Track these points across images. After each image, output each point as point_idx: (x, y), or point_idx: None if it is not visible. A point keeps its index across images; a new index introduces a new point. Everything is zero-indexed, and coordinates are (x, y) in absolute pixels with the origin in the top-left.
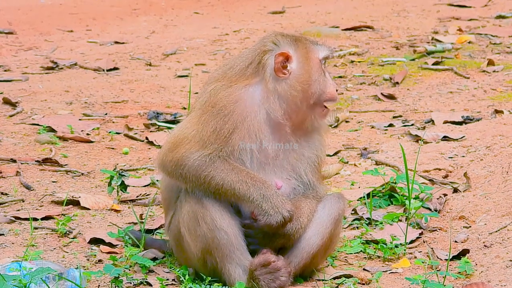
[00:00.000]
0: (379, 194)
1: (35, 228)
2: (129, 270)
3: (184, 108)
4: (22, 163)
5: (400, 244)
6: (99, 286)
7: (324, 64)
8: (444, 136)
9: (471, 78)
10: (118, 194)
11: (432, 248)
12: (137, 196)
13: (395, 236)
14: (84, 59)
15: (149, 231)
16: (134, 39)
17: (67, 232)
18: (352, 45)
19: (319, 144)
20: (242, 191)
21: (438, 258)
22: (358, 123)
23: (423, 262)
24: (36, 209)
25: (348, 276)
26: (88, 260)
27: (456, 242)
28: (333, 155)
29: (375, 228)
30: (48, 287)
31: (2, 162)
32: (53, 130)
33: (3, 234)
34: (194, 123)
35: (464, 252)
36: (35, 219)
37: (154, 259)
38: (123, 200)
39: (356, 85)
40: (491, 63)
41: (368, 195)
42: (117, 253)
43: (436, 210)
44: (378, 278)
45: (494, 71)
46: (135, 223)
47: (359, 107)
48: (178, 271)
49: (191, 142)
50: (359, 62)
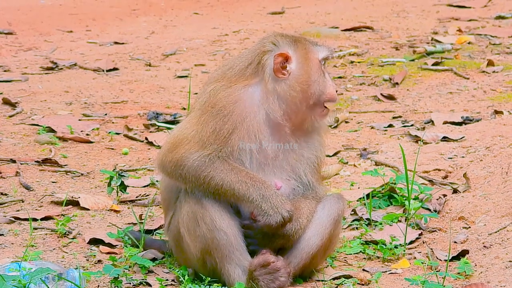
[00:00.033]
0: (378, 194)
1: (35, 229)
2: (128, 271)
3: (184, 109)
4: (21, 164)
5: (400, 244)
6: (98, 286)
7: (323, 65)
8: (444, 137)
9: (470, 79)
10: (117, 195)
11: (431, 249)
12: (136, 197)
13: (394, 237)
14: (83, 60)
15: (148, 232)
16: (133, 39)
17: (67, 233)
18: (351, 45)
19: (319, 145)
20: (241, 191)
21: (437, 258)
22: (357, 124)
23: (422, 263)
24: (36, 209)
25: (347, 276)
26: (87, 260)
27: (455, 242)
28: (332, 155)
29: (374, 229)
30: None
31: (2, 163)
32: (52, 131)
33: (2, 235)
34: (194, 123)
35: (463, 253)
36: (35, 220)
37: (153, 260)
38: (122, 201)
39: (356, 85)
40: (490, 63)
41: (367, 195)
42: (116, 253)
43: (435, 211)
44: (377, 279)
45: (494, 72)
46: (135, 224)
47: (359, 108)
48: (178, 272)
49: (191, 143)
50: (358, 62)
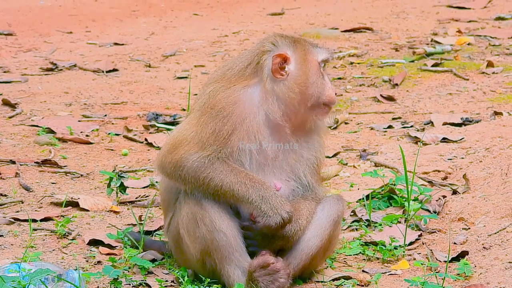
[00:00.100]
0: (378, 195)
1: (34, 230)
2: (128, 272)
3: (184, 110)
4: (21, 165)
5: (399, 245)
6: (98, 287)
7: (323, 67)
8: (443, 138)
9: (470, 80)
10: (117, 196)
11: (431, 250)
12: (136, 198)
13: (394, 238)
14: (83, 61)
15: (148, 233)
16: (133, 40)
17: (66, 234)
18: (351, 46)
19: (318, 146)
20: (241, 192)
21: (437, 259)
22: (357, 125)
23: (422, 264)
24: (35, 210)
25: (347, 277)
26: (87, 261)
27: (455, 243)
28: (332, 156)
29: (374, 230)
30: None
31: (1, 164)
32: (52, 132)
33: (2, 236)
34: (193, 124)
35: (463, 254)
36: (34, 221)
37: (153, 261)
38: (122, 202)
39: (356, 86)
40: (490, 64)
41: (367, 196)
42: (116, 254)
43: (435, 212)
44: (377, 280)
45: (494, 73)
46: (134, 225)
47: (358, 109)
48: (177, 273)
49: (190, 144)
50: (358, 63)
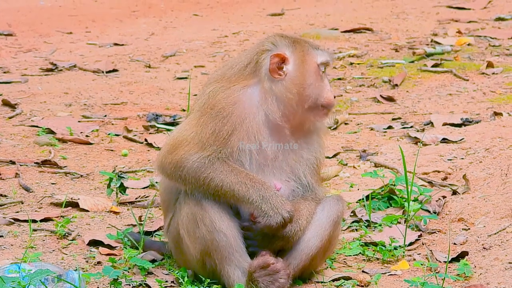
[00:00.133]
0: (378, 196)
1: (34, 230)
2: (128, 272)
3: (183, 110)
4: (21, 165)
5: (399, 246)
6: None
7: (323, 70)
8: (443, 138)
9: (470, 80)
10: (117, 196)
11: (431, 250)
12: (136, 198)
13: (394, 238)
14: (83, 61)
15: (148, 233)
16: (133, 41)
17: (66, 234)
18: (351, 47)
19: (318, 146)
20: (241, 192)
21: (437, 260)
22: (357, 125)
23: (422, 264)
24: (35, 211)
25: (347, 278)
26: (87, 262)
27: (455, 244)
28: (332, 157)
29: (374, 230)
30: None
31: (1, 164)
32: (52, 132)
33: (2, 236)
34: (193, 125)
35: (463, 254)
36: (34, 221)
37: (153, 261)
38: (122, 202)
39: (355, 87)
40: (490, 65)
41: (367, 197)
42: (116, 255)
43: (435, 212)
44: (377, 280)
45: (493, 73)
46: (134, 225)
47: (358, 109)
48: (177, 273)
49: (190, 144)
50: (358, 64)
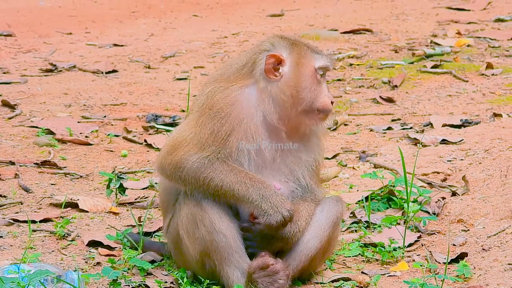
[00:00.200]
0: (377, 197)
1: (34, 231)
2: (127, 273)
3: (183, 111)
4: (20, 166)
5: (399, 247)
6: None
7: (321, 74)
8: (443, 140)
9: (470, 82)
10: (116, 197)
11: (430, 252)
12: (135, 199)
13: (393, 239)
14: (83, 62)
15: (147, 234)
16: (133, 41)
17: (66, 235)
18: (351, 48)
19: (317, 148)
20: (241, 191)
21: (436, 261)
22: (356, 126)
23: (421, 265)
24: (35, 211)
25: (346, 279)
26: (86, 262)
27: (454, 245)
28: (331, 158)
29: (373, 231)
30: None
31: (1, 165)
32: (51, 133)
33: (1, 237)
34: (192, 125)
35: (462, 256)
36: (34, 222)
37: (152, 262)
38: (121, 203)
39: (355, 88)
40: (490, 66)
41: (366, 198)
42: (115, 255)
43: (434, 214)
44: (376, 281)
45: (493, 75)
46: (134, 226)
47: (358, 110)
48: (177, 274)
49: (190, 145)
50: (358, 65)
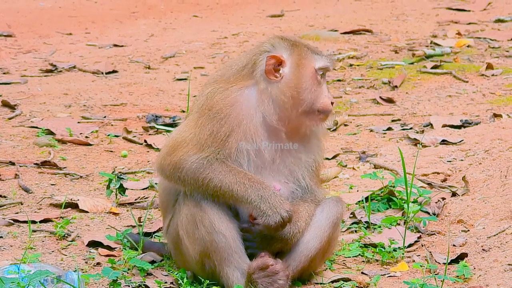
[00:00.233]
0: (377, 197)
1: (34, 231)
2: (127, 273)
3: (183, 111)
4: (20, 166)
5: (399, 247)
6: None
7: (321, 75)
8: (443, 140)
9: (470, 82)
10: (116, 197)
11: (430, 252)
12: (135, 199)
13: (393, 240)
14: (83, 62)
15: (147, 234)
16: (133, 42)
17: (66, 235)
18: (351, 48)
19: (317, 148)
20: (240, 192)
21: (436, 262)
22: (356, 127)
23: (421, 266)
24: (35, 211)
25: (346, 279)
26: (86, 263)
27: (454, 246)
28: (331, 158)
29: (373, 232)
30: None
31: (1, 165)
32: (52, 133)
33: (1, 237)
34: (192, 126)
35: (462, 256)
36: (34, 222)
37: (152, 262)
38: (121, 203)
39: (355, 88)
40: (490, 67)
41: (366, 198)
42: (115, 256)
43: (434, 214)
44: (376, 282)
45: (493, 75)
46: (134, 226)
47: (358, 111)
48: (177, 274)
49: (189, 145)
50: (358, 65)
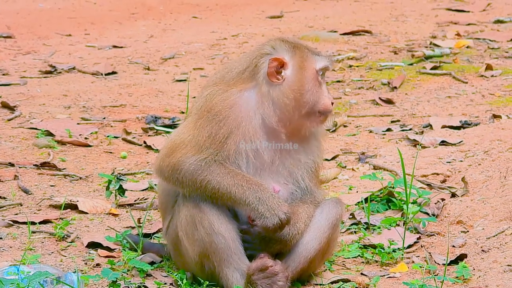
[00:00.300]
0: (377, 198)
1: (33, 232)
2: (127, 274)
3: (182, 113)
4: (20, 167)
5: (398, 248)
6: None
7: (321, 75)
8: (442, 141)
9: (469, 83)
10: (116, 198)
11: (429, 253)
12: (135, 200)
13: (392, 241)
14: (82, 63)
15: (147, 235)
16: (132, 43)
17: (65, 236)
18: (350, 49)
19: (316, 149)
20: (238, 194)
21: (435, 262)
22: (356, 128)
23: (420, 267)
24: (34, 213)
25: (345, 280)
26: (86, 264)
27: (453, 246)
28: (331, 159)
29: (373, 233)
30: None
31: (0, 166)
32: (51, 134)
33: (1, 238)
34: (190, 128)
35: (461, 257)
36: (33, 223)
37: (152, 263)
38: (121, 204)
39: (354, 89)
40: (489, 67)
41: (366, 199)
42: (115, 257)
43: (434, 215)
44: (375, 283)
45: (492, 76)
46: (133, 227)
47: (357, 112)
48: (176, 275)
49: (187, 147)
50: (357, 66)
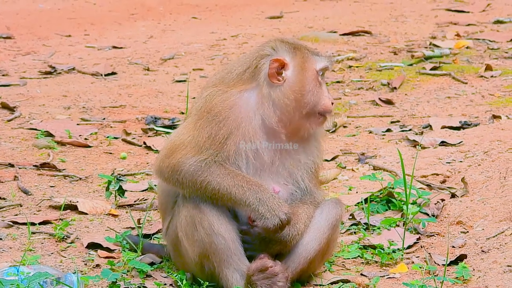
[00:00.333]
0: (376, 199)
1: (33, 233)
2: (126, 275)
3: (182, 113)
4: (20, 168)
5: (398, 249)
6: None
7: (321, 76)
8: (442, 141)
9: (469, 83)
10: (116, 199)
11: (429, 253)
12: (135, 201)
13: (392, 241)
14: (82, 64)
15: (146, 236)
16: (132, 44)
17: (65, 237)
18: (350, 50)
19: (316, 150)
20: (238, 195)
21: (435, 263)
22: (356, 128)
23: (420, 267)
24: (34, 213)
25: (345, 281)
26: (85, 265)
27: (453, 247)
28: (330, 160)
29: (372, 233)
30: None
31: (0, 167)
32: (51, 135)
33: (1, 239)
34: (190, 128)
35: (461, 257)
36: (33, 224)
37: (151, 264)
38: (121, 205)
39: (354, 90)
40: (489, 68)
41: (365, 200)
42: (114, 258)
43: (433, 215)
44: (375, 283)
45: (492, 76)
46: (133, 228)
47: (357, 112)
48: (176, 276)
49: (187, 148)
50: (357, 67)
